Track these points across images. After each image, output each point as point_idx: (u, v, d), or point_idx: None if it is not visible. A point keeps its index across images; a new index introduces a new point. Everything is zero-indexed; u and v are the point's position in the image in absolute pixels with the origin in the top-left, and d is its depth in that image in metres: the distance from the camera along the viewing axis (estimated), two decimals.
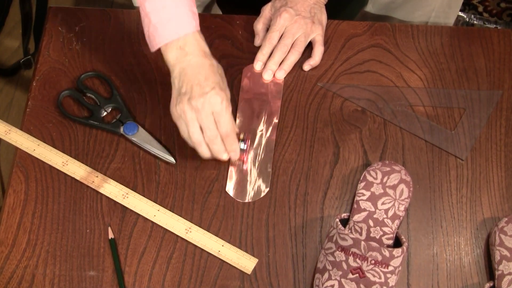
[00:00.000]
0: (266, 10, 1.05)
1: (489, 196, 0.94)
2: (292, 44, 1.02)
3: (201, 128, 0.88)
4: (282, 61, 1.03)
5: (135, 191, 0.92)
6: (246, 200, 0.92)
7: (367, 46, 1.06)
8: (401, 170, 0.92)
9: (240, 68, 1.04)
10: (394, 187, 0.91)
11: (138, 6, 0.89)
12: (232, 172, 0.94)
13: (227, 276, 0.87)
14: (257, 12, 1.07)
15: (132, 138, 0.96)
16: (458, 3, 1.14)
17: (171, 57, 0.88)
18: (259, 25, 1.05)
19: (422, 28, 1.08)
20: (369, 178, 0.92)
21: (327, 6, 1.06)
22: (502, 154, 0.97)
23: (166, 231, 0.90)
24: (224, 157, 0.91)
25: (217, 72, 0.90)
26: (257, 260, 0.88)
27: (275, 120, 0.99)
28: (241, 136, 0.94)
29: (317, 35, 1.03)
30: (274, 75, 1.02)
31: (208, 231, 0.90)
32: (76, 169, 0.93)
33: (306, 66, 1.03)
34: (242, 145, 0.93)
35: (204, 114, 0.87)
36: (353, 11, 1.29)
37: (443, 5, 1.13)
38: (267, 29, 1.04)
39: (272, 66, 1.02)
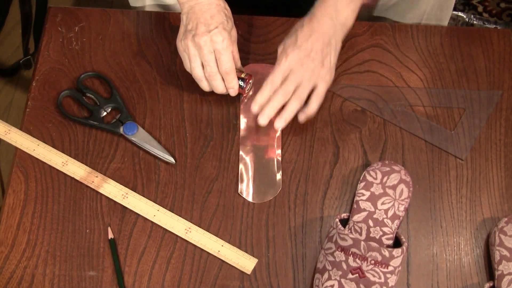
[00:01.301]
0: (279, 49, 0.96)
1: (488, 196, 0.94)
2: (294, 90, 0.93)
3: (202, 64, 0.94)
4: (283, 107, 0.94)
5: (134, 191, 0.92)
6: (266, 200, 0.92)
7: (367, 46, 1.06)
8: (400, 170, 0.92)
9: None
10: (394, 187, 0.91)
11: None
12: (243, 174, 0.94)
13: (227, 276, 0.87)
14: (257, 12, 1.07)
15: (132, 138, 0.96)
16: (450, 6, 1.14)
17: None
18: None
19: (422, 28, 1.08)
20: (369, 178, 0.92)
21: None
22: (501, 154, 0.97)
23: (165, 231, 0.90)
24: (222, 92, 0.97)
25: (223, 11, 0.94)
26: (257, 260, 0.88)
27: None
28: (243, 75, 0.97)
29: (322, 83, 0.94)
30: (274, 124, 0.94)
31: (208, 231, 0.90)
32: (76, 169, 0.93)
33: (301, 116, 0.95)
34: (242, 83, 0.97)
35: (206, 51, 0.92)
36: None
37: (434, 8, 1.12)
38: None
39: (269, 111, 0.93)
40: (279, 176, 0.94)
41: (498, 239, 0.87)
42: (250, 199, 0.92)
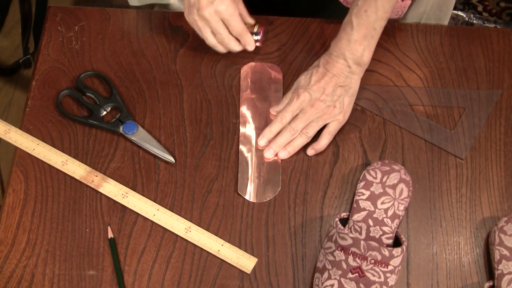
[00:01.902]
0: (293, 86, 0.99)
1: (488, 195, 0.94)
2: (303, 127, 0.95)
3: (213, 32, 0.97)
4: (290, 142, 0.96)
5: (134, 190, 0.92)
6: (265, 199, 0.92)
7: None
8: (400, 170, 0.92)
9: (239, 67, 1.04)
10: (393, 187, 0.91)
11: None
12: (243, 173, 0.94)
13: (227, 275, 0.87)
14: (258, 12, 1.07)
15: (132, 138, 0.96)
16: (449, 6, 1.14)
17: None
18: (287, 98, 0.99)
19: (421, 28, 1.08)
20: (369, 178, 0.92)
21: (316, 6, 1.04)
22: (501, 154, 0.97)
23: (165, 230, 0.90)
24: (239, 50, 1.00)
25: None
26: (257, 259, 0.88)
27: None
28: (255, 29, 1.01)
29: (335, 122, 0.96)
30: (277, 154, 0.96)
31: (208, 231, 0.90)
32: (75, 169, 0.93)
33: (310, 151, 0.96)
34: (256, 37, 1.01)
35: (213, 22, 0.95)
36: (345, 12, 1.28)
37: (434, 8, 1.12)
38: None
39: (275, 147, 0.95)
40: (279, 175, 0.94)
41: (498, 238, 0.87)
42: (250, 198, 0.92)
